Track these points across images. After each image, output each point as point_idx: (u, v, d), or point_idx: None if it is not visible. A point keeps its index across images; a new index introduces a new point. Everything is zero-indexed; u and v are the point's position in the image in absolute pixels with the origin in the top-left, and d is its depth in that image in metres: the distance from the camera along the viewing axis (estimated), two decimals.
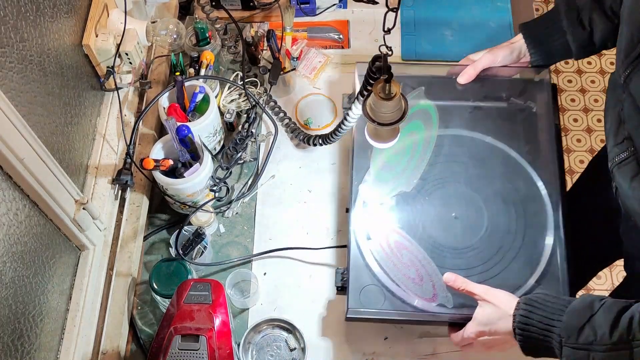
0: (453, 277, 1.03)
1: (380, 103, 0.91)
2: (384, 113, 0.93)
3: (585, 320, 0.86)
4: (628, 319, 0.83)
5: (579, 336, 0.86)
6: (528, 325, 0.91)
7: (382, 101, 0.91)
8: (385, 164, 1.16)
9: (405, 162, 1.15)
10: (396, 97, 0.91)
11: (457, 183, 1.14)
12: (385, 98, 0.90)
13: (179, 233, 1.17)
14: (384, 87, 0.90)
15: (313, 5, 1.47)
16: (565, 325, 0.87)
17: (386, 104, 0.91)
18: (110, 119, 1.23)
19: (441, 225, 1.11)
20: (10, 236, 0.86)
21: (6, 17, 0.84)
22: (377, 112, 0.94)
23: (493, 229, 1.10)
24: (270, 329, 1.12)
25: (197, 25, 1.36)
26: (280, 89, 1.37)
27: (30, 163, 0.87)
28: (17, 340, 0.89)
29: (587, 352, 0.85)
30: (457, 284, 1.02)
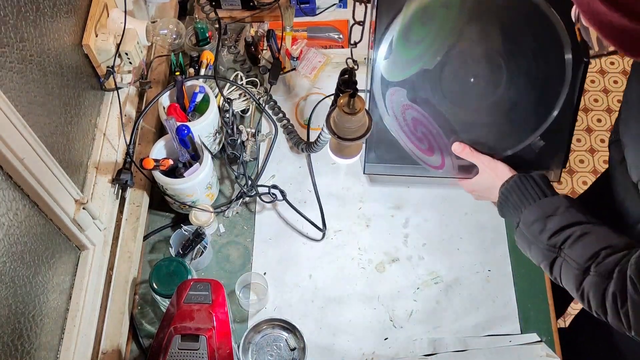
0: (461, 147, 1.10)
1: (344, 117, 0.90)
2: (347, 128, 0.92)
3: (543, 217, 0.97)
4: (568, 234, 0.93)
5: (530, 227, 0.98)
6: (506, 201, 1.04)
7: (346, 116, 0.90)
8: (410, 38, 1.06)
9: (432, 37, 1.05)
10: (360, 112, 0.90)
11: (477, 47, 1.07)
12: (349, 112, 0.89)
13: (179, 233, 1.17)
14: (348, 102, 0.89)
15: (313, 5, 1.47)
16: (527, 213, 0.99)
17: (349, 118, 0.90)
18: (110, 118, 1.23)
19: (459, 92, 1.09)
20: (10, 236, 0.86)
21: (6, 17, 0.84)
22: (340, 126, 0.93)
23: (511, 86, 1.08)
24: (270, 329, 1.12)
25: (197, 25, 1.36)
26: (280, 89, 1.37)
27: (30, 163, 0.87)
28: (17, 340, 0.89)
29: (529, 243, 0.99)
30: (464, 154, 1.10)
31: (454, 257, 1.21)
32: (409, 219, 1.25)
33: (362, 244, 1.23)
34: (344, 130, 0.93)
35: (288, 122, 1.31)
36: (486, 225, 1.24)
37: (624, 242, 0.90)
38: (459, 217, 1.25)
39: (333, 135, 0.94)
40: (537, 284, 1.18)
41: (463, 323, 1.15)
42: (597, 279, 0.89)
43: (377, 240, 1.23)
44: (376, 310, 1.17)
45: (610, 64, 2.55)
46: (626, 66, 2.55)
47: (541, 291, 1.18)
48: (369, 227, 1.24)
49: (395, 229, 1.24)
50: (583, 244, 0.92)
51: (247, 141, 1.29)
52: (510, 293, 1.17)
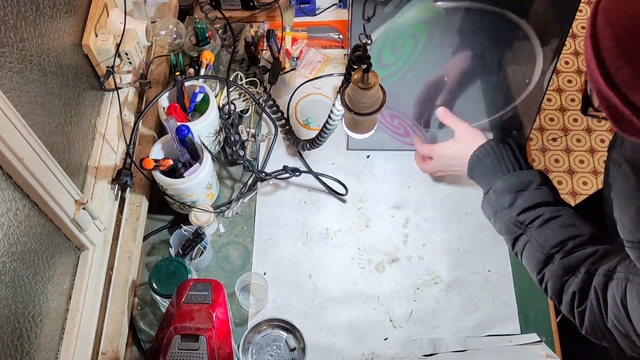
0: (445, 111, 1.16)
1: (359, 92, 0.91)
2: (362, 103, 0.93)
3: (514, 190, 0.98)
4: (537, 214, 0.95)
5: (499, 197, 1.00)
6: (478, 164, 1.06)
7: (361, 91, 0.91)
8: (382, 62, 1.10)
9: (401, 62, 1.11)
10: (374, 87, 0.91)
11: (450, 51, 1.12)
12: (364, 88, 0.90)
13: (179, 233, 1.17)
14: (362, 77, 0.90)
15: (313, 5, 1.47)
16: (499, 182, 1.01)
17: (365, 93, 0.91)
18: (110, 118, 1.23)
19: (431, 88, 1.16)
20: (10, 236, 0.86)
21: (6, 17, 0.84)
22: (355, 102, 0.94)
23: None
24: (270, 329, 1.12)
25: (197, 25, 1.36)
26: (280, 89, 1.37)
27: (30, 163, 0.86)
28: (17, 340, 0.89)
29: (495, 212, 1.01)
30: (447, 117, 1.15)
31: (454, 257, 1.21)
32: (409, 219, 1.25)
33: (362, 244, 1.23)
34: (360, 105, 0.94)
35: (286, 122, 1.31)
36: (486, 225, 1.23)
37: (590, 232, 0.92)
38: (459, 217, 1.25)
39: (349, 111, 0.95)
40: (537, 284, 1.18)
41: (463, 323, 1.15)
42: (560, 271, 0.91)
43: (377, 240, 1.23)
44: (376, 310, 1.17)
45: None
46: None
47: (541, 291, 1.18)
48: (369, 227, 1.24)
49: (395, 229, 1.24)
50: (551, 228, 0.93)
51: (247, 141, 1.29)
52: (510, 293, 1.17)
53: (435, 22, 1.03)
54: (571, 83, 2.50)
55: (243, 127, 1.30)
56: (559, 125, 2.39)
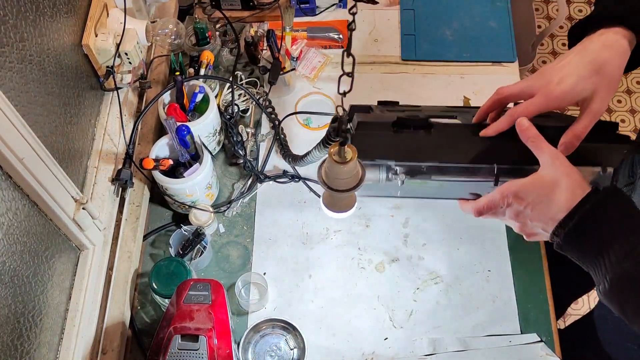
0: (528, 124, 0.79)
1: (335, 167, 0.85)
2: (338, 178, 0.87)
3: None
4: None
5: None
6: (593, 224, 0.69)
7: (338, 165, 0.84)
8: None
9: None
10: (352, 161, 0.84)
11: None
12: (340, 162, 0.84)
13: (178, 233, 1.17)
14: (339, 150, 0.84)
15: (313, 5, 1.47)
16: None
17: (340, 168, 0.84)
18: (110, 118, 1.23)
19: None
20: (10, 236, 0.86)
21: (6, 17, 0.84)
22: (332, 177, 0.87)
23: None
24: (270, 329, 1.12)
25: (197, 25, 1.36)
26: (280, 89, 1.37)
27: (29, 163, 0.86)
28: (17, 340, 0.88)
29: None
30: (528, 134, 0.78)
31: (454, 257, 1.21)
32: (409, 219, 1.25)
33: (362, 244, 1.23)
34: (337, 181, 0.87)
35: (281, 132, 1.31)
36: (486, 225, 1.24)
37: None
38: (458, 217, 1.25)
39: (326, 187, 0.89)
40: (537, 284, 1.18)
41: (463, 323, 1.15)
42: None
43: (377, 240, 1.23)
44: (376, 310, 1.17)
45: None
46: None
47: (541, 291, 1.18)
48: (369, 227, 1.24)
49: (395, 229, 1.24)
50: None
51: (247, 141, 1.29)
52: (510, 293, 1.17)
53: None
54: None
55: (243, 127, 1.30)
56: None
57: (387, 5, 1.51)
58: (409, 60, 1.43)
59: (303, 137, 1.33)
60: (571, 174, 0.74)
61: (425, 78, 1.41)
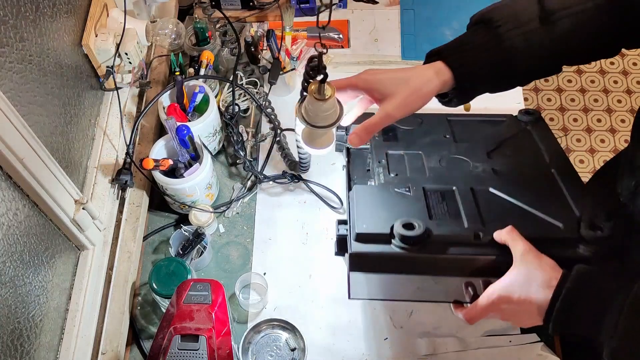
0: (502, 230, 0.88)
1: (316, 104, 0.88)
2: (318, 115, 0.90)
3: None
4: None
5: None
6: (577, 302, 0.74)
7: (318, 102, 0.88)
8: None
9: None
10: (331, 98, 0.88)
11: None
12: (320, 99, 0.88)
13: (178, 233, 1.17)
14: (319, 88, 0.88)
15: (313, 5, 1.47)
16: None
17: (320, 104, 0.88)
18: (110, 118, 1.23)
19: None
20: (10, 236, 0.86)
21: (6, 17, 0.84)
22: (312, 114, 0.91)
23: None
24: (270, 329, 1.12)
25: (197, 25, 1.36)
26: (280, 89, 1.37)
27: (29, 163, 0.86)
28: (17, 340, 0.89)
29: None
30: (504, 233, 0.87)
31: None
32: None
33: None
34: (316, 117, 0.91)
35: (283, 139, 1.31)
36: None
37: None
38: None
39: (305, 123, 0.92)
40: None
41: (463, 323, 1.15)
42: None
43: None
44: (376, 310, 1.17)
45: (610, 63, 2.55)
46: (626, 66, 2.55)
47: None
48: None
49: None
50: None
51: (247, 141, 1.29)
52: None
53: None
54: (571, 83, 2.50)
55: (243, 127, 1.30)
56: (559, 125, 2.39)
57: (387, 5, 1.51)
58: (409, 60, 1.43)
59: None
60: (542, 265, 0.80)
61: None
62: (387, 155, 1.11)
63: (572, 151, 2.33)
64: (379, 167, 1.09)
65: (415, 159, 1.10)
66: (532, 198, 0.98)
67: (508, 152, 1.11)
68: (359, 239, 0.94)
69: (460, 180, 1.03)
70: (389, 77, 0.90)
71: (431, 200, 1.00)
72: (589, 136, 2.37)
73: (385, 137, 1.15)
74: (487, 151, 1.11)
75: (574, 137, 2.36)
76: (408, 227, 0.91)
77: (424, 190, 1.01)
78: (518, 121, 1.20)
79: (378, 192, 1.02)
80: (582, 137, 2.36)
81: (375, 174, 1.07)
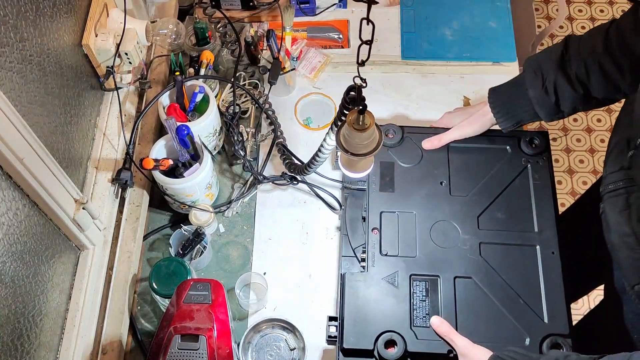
0: (438, 321, 1.05)
1: (354, 134, 0.89)
2: (357, 144, 0.91)
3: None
4: None
5: None
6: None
7: (356, 132, 0.89)
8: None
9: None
10: (370, 127, 0.88)
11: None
12: (359, 129, 0.88)
13: (178, 233, 1.17)
14: (357, 118, 0.88)
15: (313, 5, 1.47)
16: None
17: (360, 134, 0.89)
18: (110, 118, 1.23)
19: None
20: (10, 236, 0.86)
21: (6, 17, 0.84)
22: (350, 142, 0.91)
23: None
24: (270, 328, 1.12)
25: (197, 25, 1.36)
26: (280, 89, 1.37)
27: (30, 163, 0.86)
28: (17, 340, 0.89)
29: None
30: (441, 330, 1.04)
31: None
32: None
33: None
34: (355, 146, 0.92)
35: (284, 141, 1.30)
36: None
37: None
38: None
39: (345, 152, 0.93)
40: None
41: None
42: None
43: None
44: None
45: None
46: None
47: None
48: None
49: None
50: None
51: (247, 141, 1.29)
52: None
53: None
54: None
55: (243, 127, 1.30)
56: (559, 125, 2.39)
57: (387, 5, 1.51)
58: (409, 60, 1.43)
59: (303, 137, 1.33)
60: (475, 357, 0.98)
61: (425, 78, 1.41)
62: (381, 217, 1.15)
63: (572, 151, 2.33)
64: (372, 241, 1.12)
65: (409, 224, 1.14)
66: (509, 298, 1.07)
67: (499, 214, 1.15)
68: (346, 353, 1.05)
69: (446, 267, 1.10)
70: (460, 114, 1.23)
71: (415, 299, 1.08)
72: (589, 136, 2.36)
73: (383, 184, 1.17)
74: (478, 215, 1.14)
75: (574, 137, 2.36)
76: (389, 344, 1.04)
77: (410, 280, 1.09)
78: (520, 155, 1.19)
79: (367, 287, 1.09)
80: (582, 137, 2.36)
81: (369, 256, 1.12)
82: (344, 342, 1.04)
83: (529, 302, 1.07)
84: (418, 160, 1.20)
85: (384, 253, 1.12)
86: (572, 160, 2.32)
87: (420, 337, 1.04)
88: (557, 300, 1.06)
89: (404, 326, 1.05)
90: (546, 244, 1.11)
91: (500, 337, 1.04)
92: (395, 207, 1.15)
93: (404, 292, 1.08)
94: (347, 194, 1.20)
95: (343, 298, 1.08)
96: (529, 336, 1.04)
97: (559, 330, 1.04)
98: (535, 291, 1.07)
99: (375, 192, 1.17)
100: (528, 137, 1.20)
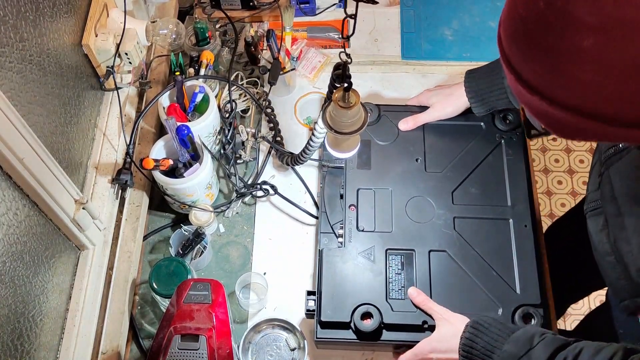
0: (416, 292, 1.06)
1: (340, 112, 0.91)
2: (343, 122, 0.93)
3: (524, 353, 0.89)
4: (562, 359, 0.86)
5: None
6: (472, 348, 0.95)
7: (342, 110, 0.90)
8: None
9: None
10: (356, 106, 0.90)
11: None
12: (344, 106, 0.90)
13: (179, 233, 1.17)
14: (343, 96, 0.89)
15: (313, 5, 1.47)
16: (505, 354, 0.91)
17: (346, 112, 0.91)
18: (110, 118, 1.23)
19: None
20: (10, 236, 0.86)
21: (6, 17, 0.84)
22: (336, 121, 0.93)
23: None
24: (270, 328, 1.12)
25: (197, 25, 1.36)
26: (280, 89, 1.37)
27: (29, 163, 0.86)
28: (17, 340, 0.89)
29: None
30: (418, 300, 1.05)
31: None
32: None
33: None
34: (341, 124, 0.93)
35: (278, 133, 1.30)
36: None
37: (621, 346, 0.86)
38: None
39: (330, 130, 0.94)
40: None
41: None
42: None
43: None
44: None
45: None
46: None
47: None
48: None
49: None
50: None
51: (247, 141, 1.29)
52: None
53: None
54: None
55: (243, 127, 1.30)
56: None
57: (387, 5, 1.51)
58: (409, 60, 1.43)
59: (303, 137, 1.33)
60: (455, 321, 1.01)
61: (425, 78, 1.41)
62: (358, 194, 1.16)
63: (572, 151, 2.33)
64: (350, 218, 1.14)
65: (385, 200, 1.15)
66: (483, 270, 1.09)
67: (473, 189, 1.16)
68: (324, 326, 1.06)
69: (421, 241, 1.12)
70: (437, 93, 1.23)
71: (390, 272, 1.09)
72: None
73: (360, 162, 1.19)
74: (452, 190, 1.15)
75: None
76: (365, 316, 1.05)
77: (386, 254, 1.11)
78: (494, 131, 1.20)
79: (344, 262, 1.11)
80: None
81: (346, 232, 1.13)
82: (321, 315, 1.06)
83: (501, 274, 1.08)
84: (394, 138, 1.21)
85: (360, 229, 1.13)
86: (572, 160, 2.32)
87: (395, 309, 1.06)
88: (529, 272, 1.08)
89: (380, 299, 1.07)
90: (519, 217, 1.12)
91: (474, 308, 1.05)
92: (372, 184, 1.17)
93: (380, 266, 1.10)
94: (325, 172, 1.21)
95: (321, 273, 1.09)
96: (501, 307, 1.05)
97: (531, 301, 1.05)
98: (508, 263, 1.09)
99: (353, 169, 1.18)
100: (502, 114, 1.21)
